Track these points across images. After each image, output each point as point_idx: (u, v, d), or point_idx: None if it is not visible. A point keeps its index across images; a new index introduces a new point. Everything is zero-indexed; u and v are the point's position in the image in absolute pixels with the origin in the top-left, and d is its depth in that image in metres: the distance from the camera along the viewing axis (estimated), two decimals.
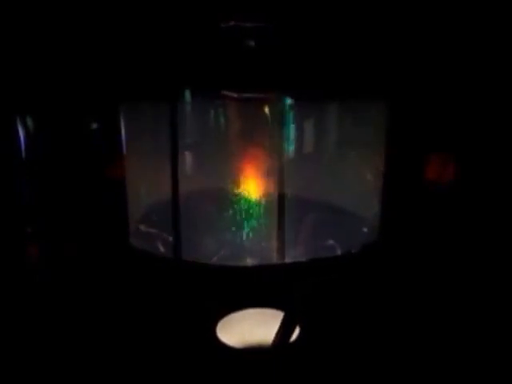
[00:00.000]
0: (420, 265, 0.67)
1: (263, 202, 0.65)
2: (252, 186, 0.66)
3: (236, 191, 0.65)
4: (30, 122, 0.79)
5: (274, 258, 0.63)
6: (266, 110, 0.65)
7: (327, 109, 0.67)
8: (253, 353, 0.54)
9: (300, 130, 0.66)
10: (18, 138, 0.78)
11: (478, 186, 0.69)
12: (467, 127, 0.70)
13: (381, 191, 0.68)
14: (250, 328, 0.55)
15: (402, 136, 0.71)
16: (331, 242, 0.65)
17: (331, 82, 0.63)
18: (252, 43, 0.62)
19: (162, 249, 0.65)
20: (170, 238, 0.64)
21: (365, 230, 0.69)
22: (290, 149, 0.67)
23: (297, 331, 0.55)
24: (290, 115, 0.66)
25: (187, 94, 0.65)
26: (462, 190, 0.70)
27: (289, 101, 0.65)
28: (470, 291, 0.63)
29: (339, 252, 0.65)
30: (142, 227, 0.70)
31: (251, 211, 0.65)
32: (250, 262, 0.63)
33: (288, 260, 0.62)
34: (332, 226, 0.65)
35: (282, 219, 0.63)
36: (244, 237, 0.65)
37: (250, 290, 0.60)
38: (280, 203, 0.64)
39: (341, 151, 0.68)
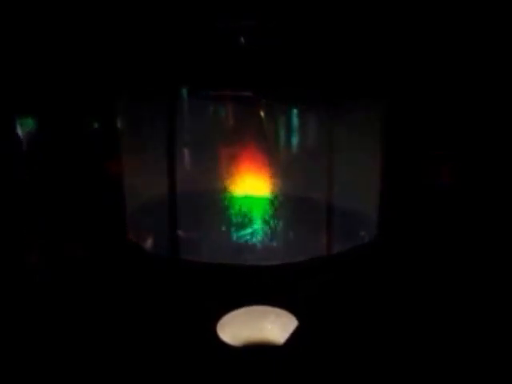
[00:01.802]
0: (421, 263, 0.67)
1: (264, 201, 0.65)
2: (253, 185, 0.66)
3: (232, 190, 0.66)
4: (29, 121, 0.79)
5: (276, 257, 0.63)
6: (266, 109, 0.65)
7: (325, 109, 0.67)
8: (253, 352, 0.54)
9: (298, 130, 0.66)
10: (18, 137, 0.78)
11: (477, 184, 0.69)
12: (467, 126, 0.70)
13: (380, 190, 0.68)
14: (252, 326, 0.55)
15: (401, 135, 0.71)
16: (331, 240, 0.65)
17: (329, 83, 0.63)
18: (250, 43, 0.62)
19: (162, 248, 0.65)
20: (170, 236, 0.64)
21: (365, 228, 0.69)
22: (288, 148, 0.67)
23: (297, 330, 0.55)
24: (290, 115, 0.66)
25: (184, 93, 0.66)
26: (462, 189, 0.70)
27: (287, 101, 0.65)
28: (471, 290, 0.63)
29: (338, 251, 0.65)
30: (142, 226, 0.70)
31: (250, 210, 0.65)
32: (250, 260, 0.63)
33: (289, 259, 0.63)
34: (332, 224, 0.66)
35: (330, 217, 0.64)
36: (244, 235, 0.65)
37: (251, 288, 0.60)
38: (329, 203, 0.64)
39: (339, 151, 0.68)
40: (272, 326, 0.56)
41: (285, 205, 0.65)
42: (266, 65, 0.62)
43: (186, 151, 0.68)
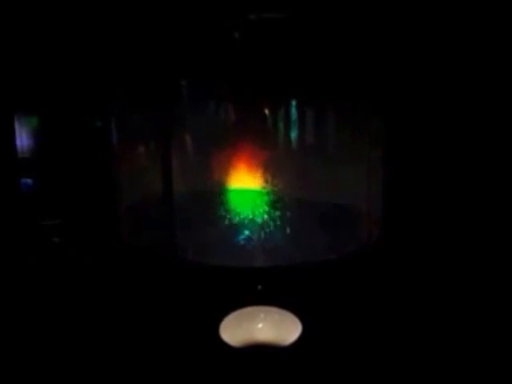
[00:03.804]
0: (423, 264, 0.67)
1: (265, 201, 0.65)
2: (253, 185, 0.65)
3: (232, 190, 0.65)
4: (28, 121, 0.79)
5: (279, 258, 0.63)
6: (266, 109, 0.65)
7: (325, 108, 0.67)
8: (255, 353, 0.54)
9: (299, 130, 0.66)
10: (17, 137, 0.78)
11: (480, 184, 0.69)
12: (469, 125, 0.70)
13: (382, 190, 0.68)
14: (254, 327, 0.55)
15: (402, 136, 0.71)
16: (333, 241, 0.65)
17: (328, 84, 0.63)
18: (250, 42, 0.62)
19: (164, 249, 0.65)
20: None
21: (367, 229, 0.69)
22: (287, 147, 0.67)
23: (299, 331, 0.55)
24: (291, 115, 0.66)
25: (184, 91, 0.65)
26: (464, 190, 0.70)
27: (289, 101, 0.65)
28: (474, 292, 0.63)
29: (340, 252, 0.65)
30: (143, 227, 0.70)
31: (250, 210, 0.65)
32: (251, 261, 0.63)
33: (291, 260, 0.62)
34: (334, 225, 0.65)
35: None
36: (245, 236, 0.65)
37: (252, 289, 0.60)
38: None
39: (339, 150, 0.68)
40: (273, 326, 0.56)
41: (286, 205, 0.65)
42: (266, 63, 0.61)
43: (184, 150, 0.68)
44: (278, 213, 0.65)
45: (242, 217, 0.65)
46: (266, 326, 0.55)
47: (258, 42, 0.62)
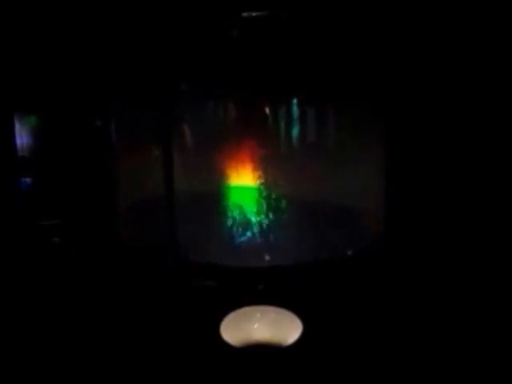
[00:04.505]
0: (425, 264, 0.66)
1: (266, 201, 0.65)
2: (254, 184, 0.65)
3: (233, 190, 0.65)
4: (28, 120, 0.79)
5: (279, 258, 0.63)
6: (266, 108, 0.65)
7: (326, 106, 0.67)
8: (256, 352, 0.54)
9: (299, 129, 0.66)
10: (17, 137, 0.78)
11: (482, 183, 0.69)
12: (470, 124, 0.70)
13: (386, 190, 0.68)
14: (255, 326, 0.55)
15: (403, 135, 0.71)
16: (335, 241, 0.65)
17: (328, 84, 0.63)
18: (250, 40, 0.62)
19: (164, 248, 0.65)
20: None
21: (368, 229, 0.69)
22: (288, 146, 0.67)
23: (299, 330, 0.54)
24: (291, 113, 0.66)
25: (182, 92, 0.65)
26: (466, 188, 0.70)
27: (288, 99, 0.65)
28: (477, 292, 0.63)
29: (342, 252, 0.65)
30: (144, 227, 0.70)
31: (251, 210, 0.65)
32: (252, 262, 0.63)
33: (292, 260, 0.62)
34: (335, 225, 0.65)
35: None
36: (246, 237, 0.65)
37: (253, 288, 0.60)
38: None
39: (339, 150, 0.68)
40: (274, 326, 0.56)
41: (287, 205, 0.64)
42: (266, 62, 0.61)
43: (184, 150, 0.68)
44: (278, 212, 0.65)
45: (242, 216, 0.65)
46: (267, 326, 0.55)
47: (258, 41, 0.62)
